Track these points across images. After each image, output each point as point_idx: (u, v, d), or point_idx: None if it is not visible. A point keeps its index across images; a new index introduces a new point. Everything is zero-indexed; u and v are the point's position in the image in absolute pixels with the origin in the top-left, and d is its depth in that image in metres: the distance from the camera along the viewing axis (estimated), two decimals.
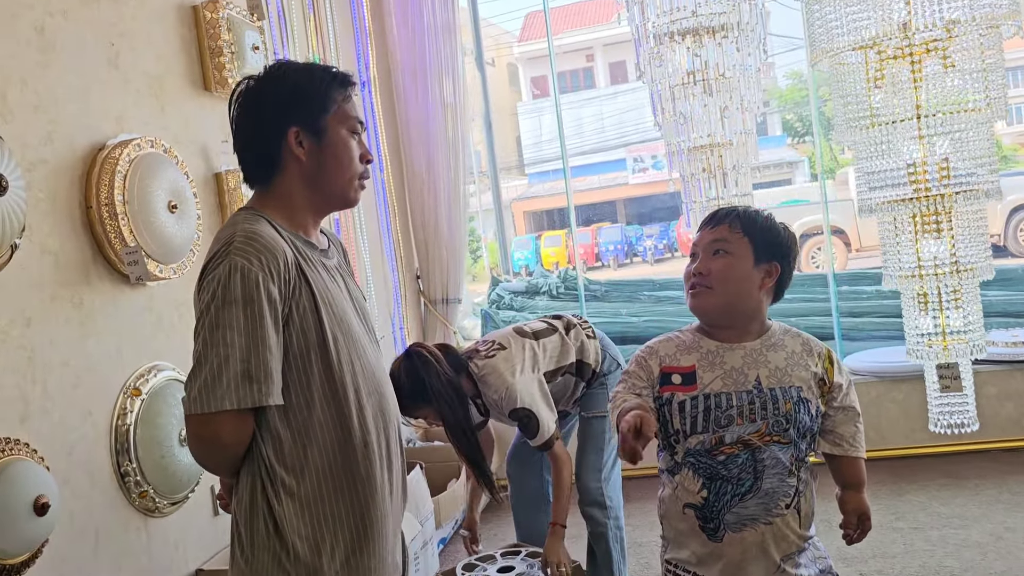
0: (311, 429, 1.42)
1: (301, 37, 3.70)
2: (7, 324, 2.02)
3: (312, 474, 1.42)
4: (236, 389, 1.33)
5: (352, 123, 1.54)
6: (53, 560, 2.06)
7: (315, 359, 1.42)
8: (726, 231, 1.70)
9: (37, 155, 2.16)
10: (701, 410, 1.63)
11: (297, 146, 1.49)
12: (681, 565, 1.70)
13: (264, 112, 1.50)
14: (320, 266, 1.51)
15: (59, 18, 2.29)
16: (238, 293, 1.34)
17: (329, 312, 1.45)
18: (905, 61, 2.30)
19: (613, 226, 21.29)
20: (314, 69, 1.56)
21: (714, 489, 1.63)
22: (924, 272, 2.38)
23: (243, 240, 1.38)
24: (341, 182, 1.53)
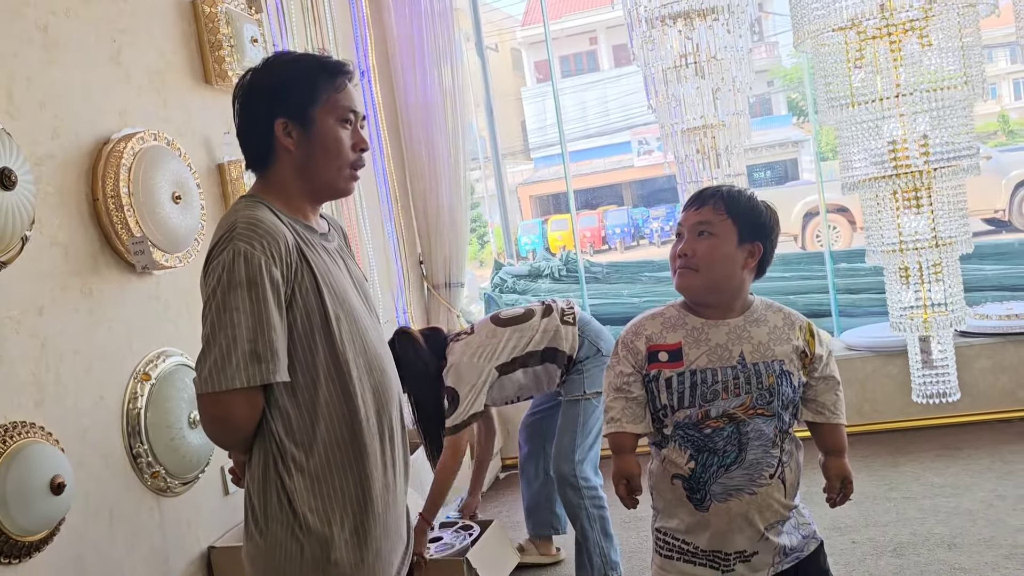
0: (318, 406, 1.48)
1: (300, 28, 3.77)
2: (20, 314, 2.11)
3: (320, 449, 1.48)
4: (245, 368, 1.39)
5: (343, 112, 1.56)
6: (70, 538, 2.16)
7: (319, 338, 1.48)
8: (710, 213, 1.75)
9: (44, 150, 2.24)
10: (688, 385, 1.70)
11: (286, 137, 1.54)
12: (670, 533, 1.77)
13: (255, 104, 1.55)
14: (321, 249, 1.56)
15: (61, 16, 2.36)
16: (242, 276, 1.40)
17: (331, 293, 1.51)
18: (884, 41, 2.36)
19: (619, 209, 21.31)
20: (305, 60, 1.60)
21: (701, 461, 1.70)
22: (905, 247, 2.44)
23: (245, 226, 1.44)
24: (330, 172, 1.57)
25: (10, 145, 2.03)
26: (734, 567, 1.71)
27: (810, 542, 1.78)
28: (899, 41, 2.36)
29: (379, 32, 4.66)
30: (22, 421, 2.05)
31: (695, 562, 1.73)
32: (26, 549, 2.00)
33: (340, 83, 1.57)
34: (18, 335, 2.09)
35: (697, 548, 1.73)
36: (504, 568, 3.13)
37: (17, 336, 2.09)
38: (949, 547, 2.96)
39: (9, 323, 2.07)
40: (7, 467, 1.94)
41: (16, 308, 2.10)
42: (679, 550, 1.75)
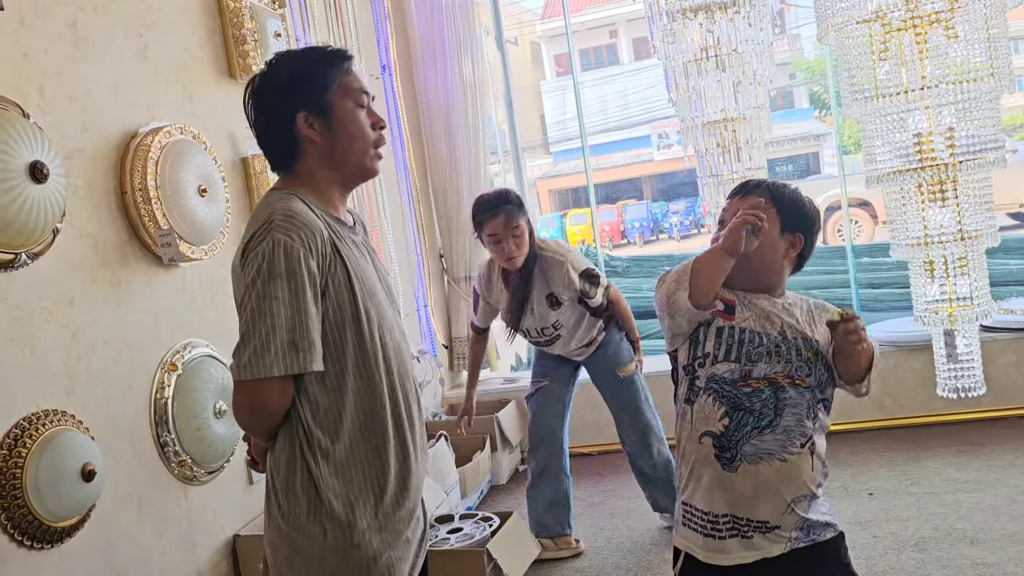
0: (345, 395, 1.51)
1: (322, 22, 3.79)
2: (51, 304, 2.15)
3: (346, 437, 1.52)
4: (284, 357, 1.42)
5: (356, 95, 1.59)
6: (100, 524, 2.20)
7: (349, 331, 1.51)
8: (756, 201, 1.78)
9: (74, 144, 2.28)
10: (736, 340, 1.73)
11: (308, 128, 1.56)
12: (695, 505, 1.76)
13: (271, 104, 1.58)
14: (350, 242, 1.59)
15: (90, 12, 2.40)
16: (282, 267, 1.42)
17: (362, 286, 1.54)
18: (909, 33, 2.34)
19: (639, 203, 21.25)
20: (308, 52, 1.64)
21: (736, 419, 1.70)
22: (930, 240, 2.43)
23: (283, 218, 1.46)
24: (357, 153, 1.59)
25: (42, 139, 2.07)
26: (752, 536, 1.71)
27: (829, 529, 1.78)
28: (924, 33, 2.34)
29: (400, 26, 4.68)
30: (54, 409, 2.09)
31: (715, 535, 1.73)
32: (58, 535, 2.04)
33: (347, 66, 1.60)
34: (50, 325, 2.13)
35: (717, 516, 1.73)
36: (524, 559, 3.15)
37: (49, 326, 2.13)
38: (972, 542, 2.95)
39: (41, 313, 2.11)
40: (40, 454, 1.98)
41: (48, 299, 2.14)
42: (702, 523, 1.75)
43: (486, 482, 4.20)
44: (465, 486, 3.88)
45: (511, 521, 3.15)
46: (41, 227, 2.04)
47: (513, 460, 4.53)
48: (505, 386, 4.79)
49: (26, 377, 2.04)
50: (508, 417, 4.43)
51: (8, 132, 1.96)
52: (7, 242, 1.96)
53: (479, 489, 4.09)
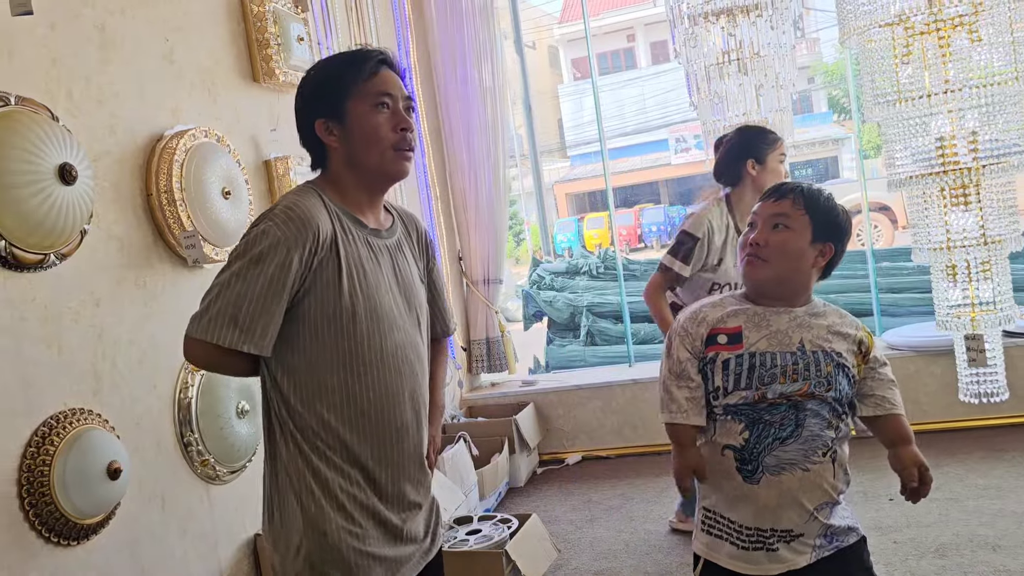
0: (323, 395, 1.56)
1: (344, 27, 3.83)
2: (79, 305, 2.18)
3: (321, 427, 1.56)
4: (219, 327, 1.48)
5: (376, 98, 1.60)
6: (125, 521, 2.23)
7: (327, 328, 1.54)
8: (788, 206, 1.75)
9: (102, 147, 2.31)
10: (745, 368, 1.70)
11: (328, 135, 1.61)
12: (717, 511, 1.77)
13: (299, 114, 1.65)
14: (363, 243, 1.61)
15: (118, 16, 2.43)
16: (256, 249, 1.49)
17: (353, 287, 1.56)
18: (932, 36, 2.33)
19: (656, 207, 21.21)
20: (334, 59, 1.68)
21: (756, 431, 1.69)
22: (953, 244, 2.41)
23: (283, 209, 1.53)
24: (375, 157, 1.61)
25: (70, 142, 2.10)
26: (777, 548, 1.70)
27: (852, 534, 1.77)
28: (948, 36, 2.33)
29: (420, 30, 4.71)
30: (80, 408, 2.12)
31: (739, 544, 1.73)
32: (84, 531, 2.07)
33: (368, 70, 1.61)
34: (77, 325, 2.16)
35: (742, 526, 1.72)
36: (543, 561, 3.16)
37: (76, 326, 2.16)
38: (993, 548, 2.92)
39: (68, 313, 2.14)
40: (67, 452, 2.01)
41: (75, 299, 2.17)
42: (727, 530, 1.75)
43: (504, 484, 4.21)
44: (483, 488, 3.89)
45: (530, 523, 3.16)
46: (69, 228, 2.07)
47: (531, 463, 4.53)
48: (523, 389, 4.80)
49: (54, 376, 2.07)
50: (526, 420, 4.44)
51: (38, 135, 1.99)
52: (36, 243, 1.99)
53: (497, 491, 4.10)
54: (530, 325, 6.45)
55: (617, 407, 4.61)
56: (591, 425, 4.64)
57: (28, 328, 2.01)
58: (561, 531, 3.62)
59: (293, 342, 1.55)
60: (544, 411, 4.68)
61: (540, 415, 4.65)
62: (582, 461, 4.59)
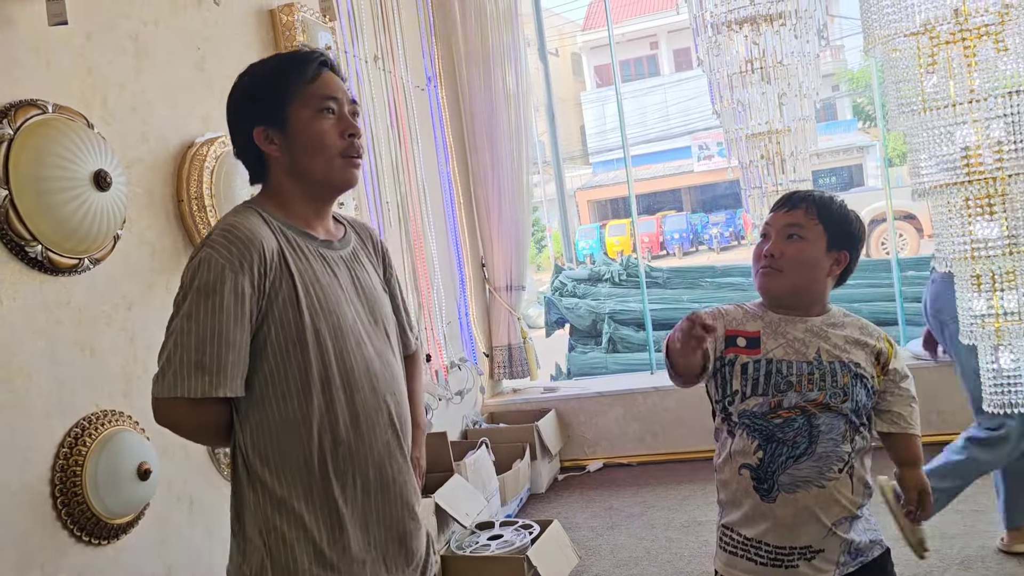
0: (288, 422, 1.42)
1: (370, 35, 3.87)
2: (111, 308, 2.23)
3: (293, 469, 1.43)
4: (187, 378, 1.35)
5: (319, 102, 1.49)
6: (153, 522, 2.26)
7: (292, 352, 1.42)
8: (802, 216, 1.75)
9: (135, 153, 2.36)
10: (763, 373, 1.71)
11: (268, 144, 1.50)
12: (735, 529, 1.78)
13: (233, 121, 1.55)
14: (315, 256, 1.49)
15: (151, 26, 2.49)
16: (202, 283, 1.37)
17: (313, 303, 1.44)
18: (958, 46, 2.33)
19: (678, 214, 21.17)
20: (270, 62, 1.57)
21: (769, 451, 1.70)
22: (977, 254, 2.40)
23: (219, 233, 1.41)
24: (320, 166, 1.50)
25: (105, 148, 2.15)
26: (797, 564, 1.70)
27: (875, 547, 1.77)
28: (973, 46, 2.32)
29: (445, 38, 4.75)
30: (112, 410, 2.16)
31: (757, 560, 1.73)
32: (114, 531, 2.11)
33: (310, 73, 1.50)
34: (109, 328, 2.21)
35: (760, 543, 1.73)
36: (564, 567, 3.17)
37: (109, 329, 2.21)
38: (1020, 562, 2.90)
39: (102, 316, 2.18)
40: (99, 453, 2.05)
41: (108, 303, 2.21)
42: (743, 547, 1.76)
43: (525, 490, 4.23)
44: (505, 493, 3.91)
45: (551, 529, 3.17)
46: (104, 234, 2.12)
47: (552, 469, 4.55)
48: (545, 395, 4.82)
49: (87, 378, 2.12)
50: (548, 426, 4.45)
51: (74, 142, 2.04)
52: (71, 247, 2.03)
53: (519, 497, 4.11)
54: (552, 332, 6.47)
55: (639, 414, 4.61)
56: (612, 432, 4.65)
57: (63, 331, 2.05)
58: (582, 538, 3.63)
59: (257, 375, 1.42)
60: (565, 418, 4.69)
61: (561, 422, 4.66)
62: (603, 468, 4.60)
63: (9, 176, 1.87)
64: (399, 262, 3.90)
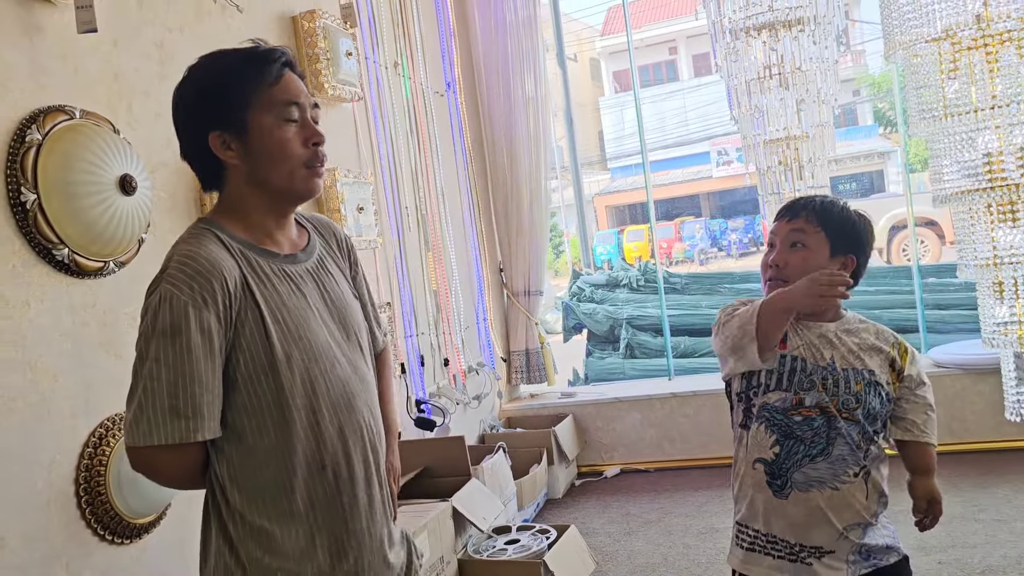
0: (263, 453, 1.36)
1: (390, 41, 3.90)
2: (135, 311, 2.23)
3: (265, 498, 1.36)
4: (163, 425, 1.28)
5: (283, 108, 1.38)
6: (174, 522, 2.29)
7: (264, 382, 1.35)
8: (803, 224, 1.75)
9: (159, 158, 2.40)
10: (787, 369, 1.71)
11: (225, 150, 1.37)
12: (751, 525, 1.77)
13: (184, 122, 1.40)
14: (279, 277, 1.40)
15: (176, 33, 2.52)
16: (165, 324, 1.29)
17: (281, 329, 1.36)
18: (980, 52, 2.32)
19: (697, 220, 21.09)
20: (227, 57, 1.41)
21: (786, 447, 1.70)
22: (1000, 261, 2.39)
23: (177, 266, 1.32)
24: (282, 176, 1.39)
25: (130, 153, 2.18)
26: (810, 562, 1.70)
27: (891, 554, 1.76)
28: (996, 51, 2.32)
29: (464, 43, 4.78)
30: None
31: (774, 554, 1.73)
32: (137, 531, 2.14)
33: (272, 74, 1.37)
34: (133, 330, 2.20)
35: (775, 537, 1.72)
36: (581, 573, 3.17)
37: (133, 331, 2.20)
38: None
39: (125, 319, 2.21)
40: (122, 454, 2.08)
41: (132, 306, 2.24)
42: (759, 542, 1.75)
43: (542, 495, 4.23)
44: (522, 498, 3.91)
45: (568, 534, 3.18)
46: (129, 237, 2.15)
47: (570, 474, 4.54)
48: (562, 400, 4.82)
49: (112, 379, 2.14)
50: (565, 431, 4.45)
51: (101, 147, 2.07)
52: (97, 251, 2.07)
53: (535, 502, 4.11)
54: (569, 337, 6.47)
55: (656, 420, 4.60)
56: (630, 438, 4.64)
57: (89, 333, 2.09)
58: (599, 543, 3.63)
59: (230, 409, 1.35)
60: (583, 423, 4.69)
61: (579, 427, 4.66)
62: (620, 474, 4.59)
63: (38, 180, 1.91)
64: (417, 267, 3.93)
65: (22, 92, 1.97)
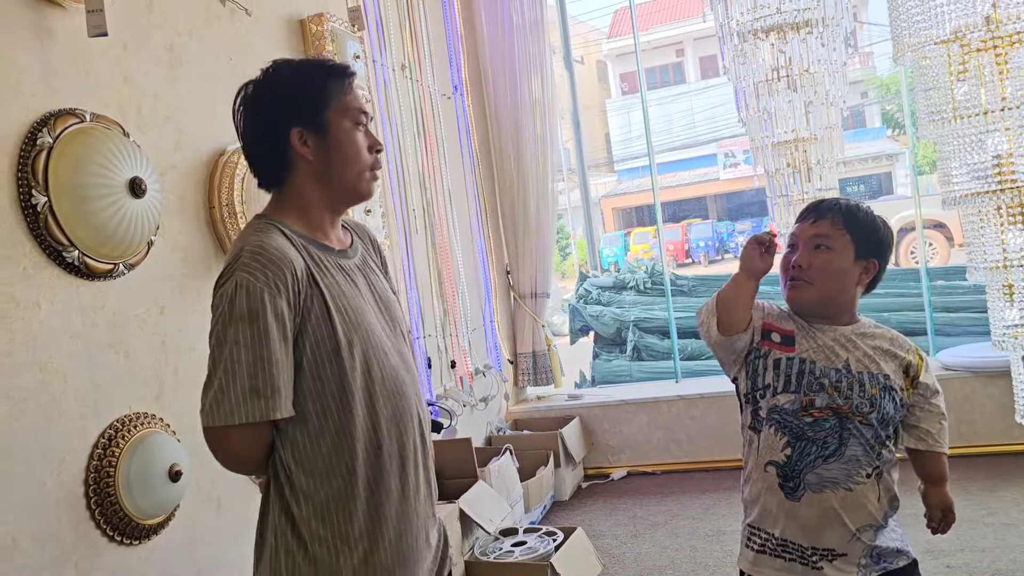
0: (327, 435, 1.44)
1: (398, 44, 3.91)
2: (144, 312, 2.27)
3: (330, 477, 1.44)
4: (244, 404, 1.35)
5: (355, 115, 1.52)
6: (183, 523, 2.30)
7: (328, 367, 1.43)
8: (828, 226, 1.74)
9: (168, 161, 2.41)
10: (795, 371, 1.71)
11: (302, 145, 1.48)
12: (761, 528, 1.77)
13: (266, 116, 1.50)
14: (336, 269, 1.50)
15: (185, 37, 2.53)
16: (244, 310, 1.36)
17: (344, 318, 1.45)
18: (990, 54, 2.31)
19: (704, 222, 21.06)
20: (309, 66, 1.57)
21: (798, 448, 1.69)
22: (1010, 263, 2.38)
23: (250, 255, 1.39)
24: (351, 176, 1.52)
25: (140, 156, 2.19)
26: (821, 566, 1.69)
27: (901, 557, 1.76)
28: (1005, 53, 2.31)
29: (471, 47, 4.78)
30: (144, 412, 2.20)
31: (785, 557, 1.72)
32: (146, 532, 2.14)
33: (348, 85, 1.53)
34: (142, 332, 2.25)
35: (786, 540, 1.72)
36: (588, 575, 3.17)
37: (141, 333, 2.25)
38: None
39: (135, 320, 2.22)
40: (131, 454, 2.09)
41: (141, 307, 2.26)
42: (770, 544, 1.75)
43: (549, 498, 4.23)
44: (528, 500, 3.91)
45: (575, 536, 3.17)
46: (138, 239, 2.16)
47: (576, 477, 4.54)
48: (569, 403, 4.82)
49: (120, 381, 2.16)
50: (572, 434, 4.45)
51: (111, 150, 2.09)
52: (107, 253, 2.08)
53: (542, 504, 4.11)
54: (576, 339, 6.47)
55: (663, 423, 4.60)
56: (637, 440, 4.64)
57: (98, 334, 2.10)
58: (606, 546, 3.63)
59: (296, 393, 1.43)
60: (590, 425, 4.69)
61: (586, 429, 4.66)
62: (627, 476, 4.59)
63: (49, 183, 1.92)
64: (424, 269, 3.93)
65: (33, 95, 1.98)
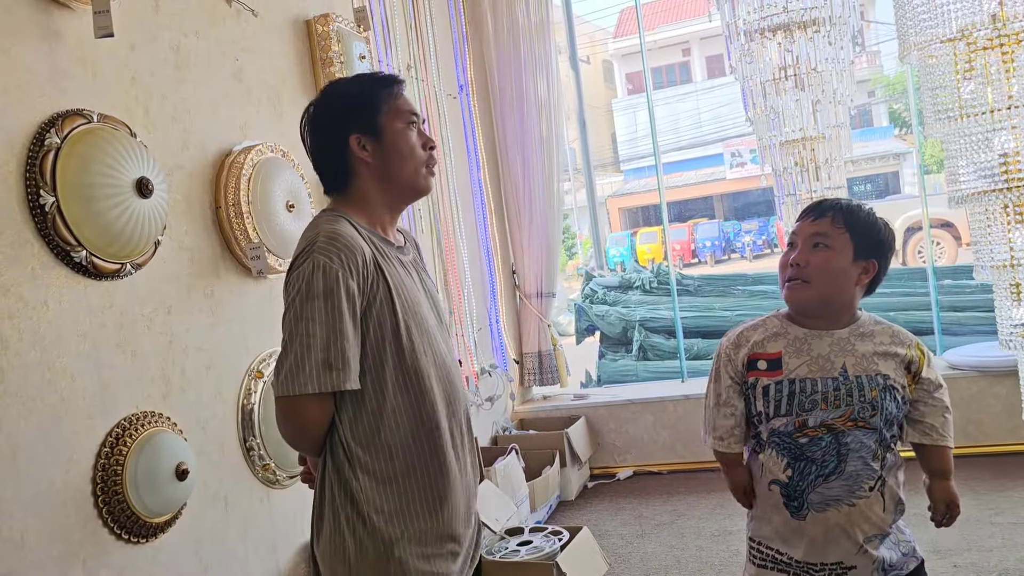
0: (385, 412, 1.55)
1: (403, 45, 3.92)
2: (151, 312, 2.28)
3: (387, 453, 1.55)
4: (317, 376, 1.47)
5: (406, 116, 1.66)
6: (190, 522, 2.31)
7: (389, 348, 1.55)
8: (828, 225, 1.73)
9: (175, 161, 2.42)
10: (785, 394, 1.70)
11: (361, 150, 1.63)
12: (764, 542, 1.77)
13: (327, 130, 1.65)
14: (396, 262, 1.64)
15: (192, 38, 2.54)
16: (319, 288, 1.48)
17: (404, 304, 1.58)
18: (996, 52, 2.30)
19: (710, 222, 21.03)
20: (360, 79, 1.72)
21: (798, 469, 1.69)
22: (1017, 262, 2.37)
23: (325, 240, 1.52)
24: (408, 172, 1.65)
25: (147, 157, 2.20)
26: None
27: (910, 560, 1.75)
28: (1012, 51, 2.30)
29: (477, 47, 4.79)
30: (151, 411, 2.21)
31: (789, 572, 1.72)
32: (153, 530, 2.15)
33: (396, 91, 1.67)
34: (149, 332, 2.26)
35: (792, 559, 1.72)
36: (594, 574, 3.17)
37: (149, 333, 2.26)
38: None
39: (142, 320, 2.23)
40: (138, 453, 2.10)
41: (148, 307, 2.26)
42: (773, 560, 1.75)
43: (555, 497, 4.23)
44: (534, 500, 3.91)
45: (581, 536, 3.17)
46: (145, 239, 2.17)
47: (582, 476, 4.54)
48: (575, 402, 4.82)
49: (128, 380, 2.17)
50: (578, 433, 4.45)
51: (118, 150, 2.09)
52: (115, 253, 2.09)
53: (548, 504, 4.11)
54: (582, 339, 6.47)
55: (669, 423, 4.60)
56: (643, 440, 4.64)
57: (106, 334, 2.11)
58: (611, 545, 3.63)
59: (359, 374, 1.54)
60: (595, 425, 4.69)
61: (591, 429, 4.66)
62: (633, 476, 4.58)
63: (56, 183, 1.93)
64: (431, 268, 3.94)
65: (41, 96, 1.99)
